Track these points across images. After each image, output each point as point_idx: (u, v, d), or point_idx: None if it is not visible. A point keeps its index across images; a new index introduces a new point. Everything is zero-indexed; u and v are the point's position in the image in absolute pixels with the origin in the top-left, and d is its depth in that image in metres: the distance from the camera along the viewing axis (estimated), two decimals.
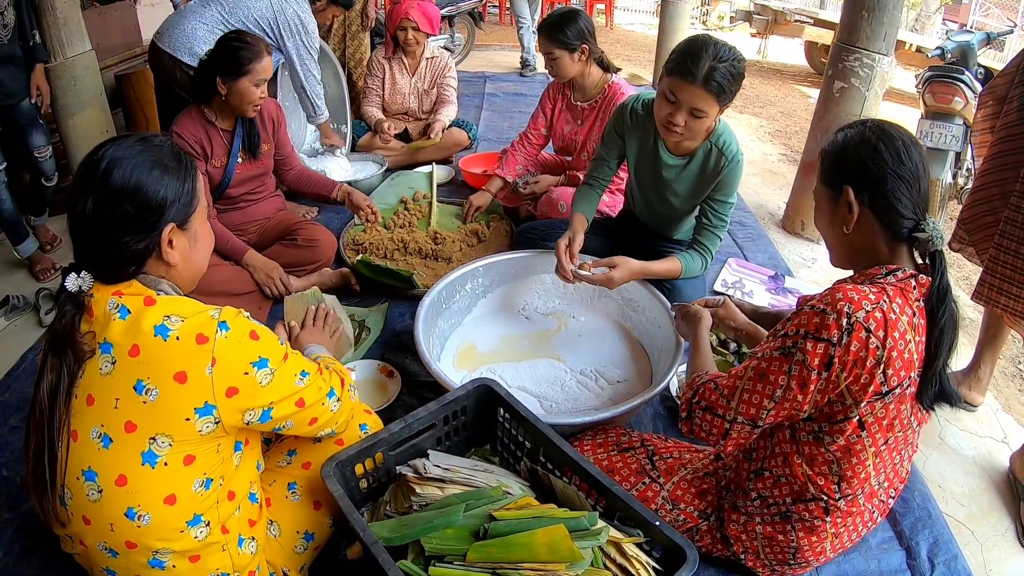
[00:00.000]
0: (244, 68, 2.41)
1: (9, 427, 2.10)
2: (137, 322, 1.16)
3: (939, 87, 3.82)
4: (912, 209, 1.35)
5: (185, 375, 1.15)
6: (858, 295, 1.29)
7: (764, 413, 1.38)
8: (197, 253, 1.32)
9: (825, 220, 1.49)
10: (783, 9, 8.71)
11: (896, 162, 1.34)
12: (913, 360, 1.32)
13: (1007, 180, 2.06)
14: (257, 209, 2.86)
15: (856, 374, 1.29)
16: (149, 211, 1.20)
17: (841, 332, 1.28)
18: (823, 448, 1.40)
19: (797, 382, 1.33)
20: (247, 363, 1.20)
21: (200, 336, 1.16)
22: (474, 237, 3.12)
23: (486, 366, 2.24)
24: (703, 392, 1.48)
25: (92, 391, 1.18)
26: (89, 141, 3.16)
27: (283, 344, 1.29)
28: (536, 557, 1.17)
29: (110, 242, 1.18)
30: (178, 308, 1.19)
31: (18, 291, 2.86)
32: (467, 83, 5.67)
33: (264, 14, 3.21)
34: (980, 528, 2.01)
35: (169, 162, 1.24)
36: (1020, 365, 3.04)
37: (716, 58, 1.97)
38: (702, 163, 2.28)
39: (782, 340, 1.36)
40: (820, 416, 1.39)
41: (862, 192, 1.38)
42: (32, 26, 2.89)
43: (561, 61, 2.85)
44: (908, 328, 1.30)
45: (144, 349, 1.14)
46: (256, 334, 1.23)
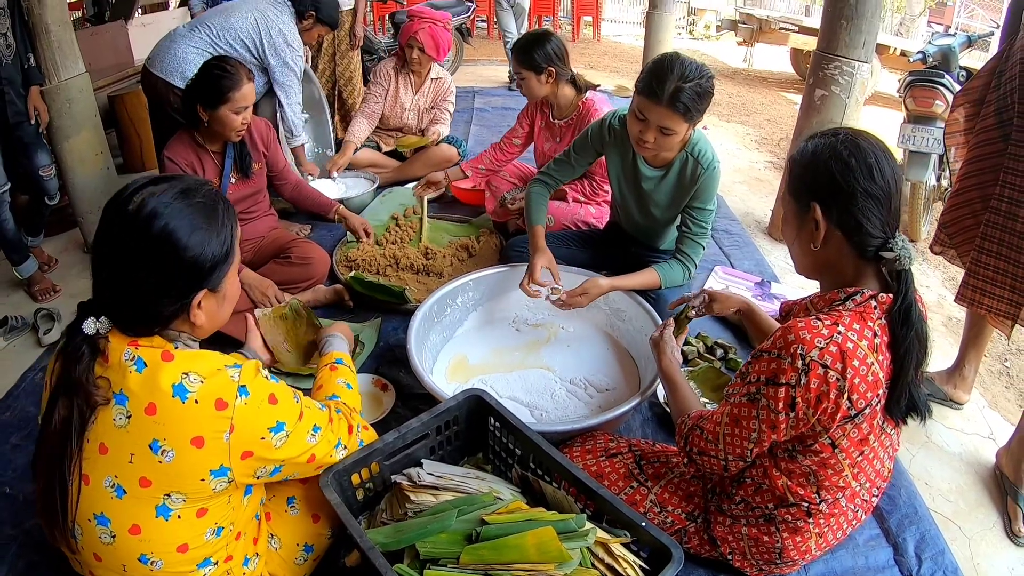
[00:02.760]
0: (223, 97, 2.45)
1: (10, 446, 2.13)
2: (154, 377, 1.13)
3: (920, 91, 3.89)
4: (882, 228, 1.33)
5: (203, 440, 1.14)
6: (810, 333, 1.29)
7: (748, 451, 1.42)
8: (223, 311, 1.30)
9: (791, 232, 1.49)
10: (768, 18, 8.82)
11: (868, 180, 1.31)
12: (879, 379, 1.33)
13: (987, 183, 2.10)
14: (251, 228, 2.91)
15: (823, 408, 1.31)
16: (184, 278, 1.17)
17: (798, 374, 1.29)
18: (798, 463, 1.43)
19: (767, 424, 1.36)
20: (265, 429, 1.20)
21: (220, 401, 1.15)
22: (464, 252, 3.17)
23: (478, 377, 2.28)
24: (692, 440, 1.52)
25: (105, 440, 1.15)
26: (84, 163, 3.20)
27: (297, 402, 1.30)
28: (526, 558, 1.21)
29: (139, 299, 1.16)
30: (196, 365, 1.16)
31: (16, 311, 2.90)
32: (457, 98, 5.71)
33: (251, 34, 3.27)
34: (967, 523, 2.04)
35: (211, 223, 1.19)
36: (1006, 363, 3.08)
37: (682, 78, 2.01)
38: (679, 173, 2.33)
39: (747, 387, 1.39)
40: (793, 439, 1.41)
41: (830, 209, 1.36)
42: (27, 49, 2.96)
43: (529, 82, 2.95)
44: (868, 351, 1.30)
45: (161, 409, 1.12)
46: (275, 397, 1.23)
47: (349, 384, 1.64)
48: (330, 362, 1.72)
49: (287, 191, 3.01)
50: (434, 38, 3.87)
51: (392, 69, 4.08)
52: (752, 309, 1.89)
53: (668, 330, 1.87)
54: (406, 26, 3.96)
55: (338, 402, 1.53)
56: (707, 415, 1.52)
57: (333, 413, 1.43)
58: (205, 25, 3.23)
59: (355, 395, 1.64)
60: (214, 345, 2.37)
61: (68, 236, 3.71)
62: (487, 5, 9.01)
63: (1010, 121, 2.00)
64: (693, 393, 1.71)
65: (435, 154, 4.06)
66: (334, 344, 1.82)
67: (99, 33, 5.34)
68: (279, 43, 3.33)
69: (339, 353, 1.77)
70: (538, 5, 10.49)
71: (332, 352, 1.77)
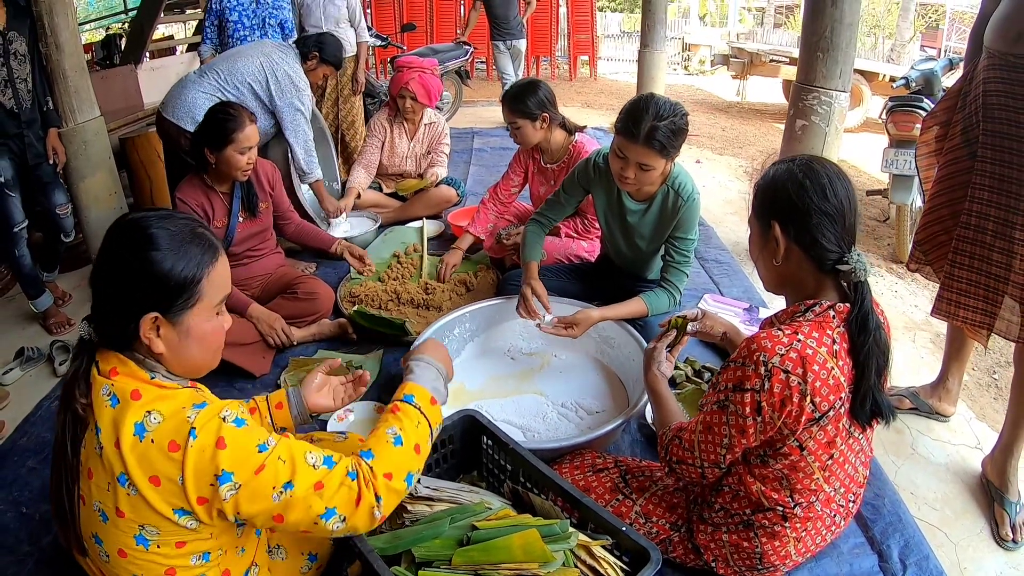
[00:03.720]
0: (228, 138, 2.60)
1: (27, 468, 2.25)
2: (122, 414, 1.13)
3: (900, 116, 4.01)
4: (837, 243, 1.43)
5: (159, 480, 1.12)
6: (771, 342, 1.39)
7: (721, 457, 1.51)
8: (190, 347, 1.23)
9: (756, 250, 1.60)
10: (759, 51, 9.04)
11: (821, 199, 1.42)
12: (840, 383, 1.42)
13: (956, 200, 2.17)
14: (259, 265, 3.04)
15: (787, 411, 1.40)
16: (138, 290, 1.16)
17: (761, 379, 1.39)
18: (770, 468, 1.51)
19: (736, 430, 1.45)
20: (212, 475, 1.12)
21: (172, 443, 1.12)
22: (463, 287, 3.28)
23: (474, 403, 2.36)
24: (671, 450, 1.61)
25: (91, 465, 1.17)
26: (99, 202, 3.35)
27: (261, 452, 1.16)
28: (513, 558, 1.31)
29: (103, 304, 1.20)
30: (161, 404, 1.15)
31: (32, 343, 3.03)
32: (456, 139, 5.88)
33: (256, 76, 3.40)
34: (954, 530, 2.09)
35: (171, 246, 1.17)
36: (995, 375, 3.15)
37: (656, 117, 2.15)
38: (661, 205, 2.46)
39: (717, 395, 1.49)
40: (763, 444, 1.49)
41: (788, 227, 1.47)
42: (46, 93, 3.13)
43: (524, 130, 3.05)
44: (828, 357, 1.39)
45: (123, 446, 1.11)
46: (224, 442, 1.13)
47: (400, 438, 1.32)
48: (399, 398, 1.43)
49: (290, 230, 3.15)
50: (424, 86, 4.02)
51: (386, 120, 4.23)
52: (738, 334, 1.99)
53: (662, 342, 1.93)
54: (396, 77, 4.11)
55: (363, 463, 1.26)
56: (685, 426, 1.61)
57: (340, 476, 1.22)
58: (213, 71, 3.37)
59: (403, 455, 1.31)
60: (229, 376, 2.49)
61: (82, 272, 3.86)
62: (485, 48, 9.26)
63: (976, 139, 2.07)
64: (677, 407, 1.78)
65: (435, 195, 4.20)
66: (415, 373, 1.50)
67: (109, 77, 5.50)
68: (285, 84, 3.45)
69: (413, 387, 1.45)
70: (535, 47, 10.79)
71: (405, 384, 1.47)
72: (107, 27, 10.50)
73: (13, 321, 3.37)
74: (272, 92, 3.45)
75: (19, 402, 2.70)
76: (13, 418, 2.57)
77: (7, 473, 2.25)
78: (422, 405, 1.41)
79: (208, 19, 4.24)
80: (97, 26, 11.30)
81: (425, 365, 1.53)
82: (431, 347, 1.61)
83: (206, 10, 4.29)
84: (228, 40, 4.18)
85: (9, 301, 3.60)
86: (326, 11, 4.81)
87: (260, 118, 3.46)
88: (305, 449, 1.23)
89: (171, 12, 8.66)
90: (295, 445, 1.23)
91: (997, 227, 2.02)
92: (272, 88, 3.44)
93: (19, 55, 2.91)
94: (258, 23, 4.19)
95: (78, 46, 3.19)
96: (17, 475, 2.23)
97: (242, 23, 4.15)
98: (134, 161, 4.72)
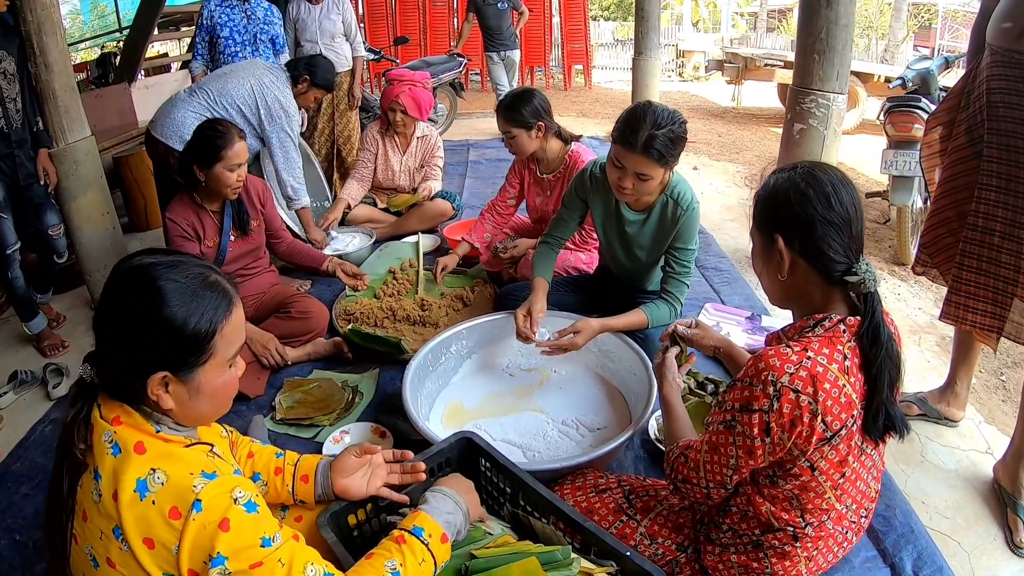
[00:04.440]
0: (217, 156, 2.57)
1: (21, 495, 2.21)
2: (123, 466, 1.07)
3: (898, 116, 3.99)
4: (844, 253, 1.38)
5: (153, 543, 1.06)
6: (780, 360, 1.33)
7: (728, 478, 1.45)
8: (200, 404, 1.17)
9: (760, 264, 1.54)
10: (753, 56, 9.03)
11: (825, 208, 1.36)
12: (852, 400, 1.36)
13: (962, 201, 2.14)
14: (252, 284, 3.00)
15: (798, 432, 1.33)
16: (138, 351, 1.11)
17: (770, 400, 1.32)
18: (780, 488, 1.45)
19: (744, 451, 1.39)
20: (205, 554, 1.06)
21: (174, 510, 1.06)
22: (459, 302, 3.24)
23: (472, 422, 2.32)
24: (677, 468, 1.55)
25: (86, 508, 1.12)
26: (92, 222, 3.32)
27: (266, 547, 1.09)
28: None
29: (106, 357, 1.14)
30: (167, 464, 1.09)
31: (25, 366, 3.00)
32: (451, 152, 5.89)
33: (246, 100, 3.38)
34: (967, 538, 2.05)
35: (182, 301, 1.11)
36: (1002, 376, 3.10)
37: (654, 125, 2.11)
38: (660, 215, 2.41)
39: (724, 415, 1.42)
40: (772, 464, 1.43)
41: (792, 239, 1.41)
42: (35, 113, 3.11)
43: (519, 139, 3.01)
44: (840, 374, 1.33)
45: (122, 500, 1.06)
46: (228, 524, 1.06)
47: (398, 573, 1.22)
48: (407, 527, 1.32)
49: (282, 248, 3.11)
50: (415, 99, 4.00)
51: (378, 134, 4.21)
52: (732, 347, 1.94)
53: (670, 354, 1.90)
54: (386, 91, 4.10)
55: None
56: (692, 444, 1.56)
57: None
58: (203, 90, 3.35)
59: None
60: None
61: (76, 294, 3.84)
62: (479, 59, 9.26)
63: (980, 139, 2.04)
64: (688, 422, 1.74)
65: (429, 209, 4.16)
66: (429, 503, 1.39)
67: (103, 95, 5.52)
68: (275, 110, 3.44)
69: (425, 519, 1.33)
70: (529, 57, 10.80)
71: (418, 514, 1.35)
72: (102, 45, 10.52)
73: (6, 344, 3.33)
74: (262, 117, 3.43)
75: (13, 426, 2.66)
76: (7, 443, 2.53)
77: (1, 498, 2.21)
78: (431, 542, 1.29)
79: (199, 35, 4.21)
80: (92, 44, 11.34)
81: (442, 497, 1.41)
82: (454, 480, 1.50)
83: (197, 26, 4.27)
84: (219, 56, 4.16)
85: (3, 324, 3.56)
86: (322, 26, 4.79)
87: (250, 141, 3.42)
88: (307, 559, 1.16)
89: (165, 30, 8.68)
90: (299, 552, 1.16)
91: (1005, 228, 1.98)
92: (262, 113, 3.42)
93: (8, 75, 2.89)
94: (249, 39, 4.17)
95: (68, 65, 3.16)
96: (11, 501, 2.19)
97: (233, 39, 4.13)
98: (128, 180, 4.71)
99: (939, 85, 4.13)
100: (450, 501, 1.40)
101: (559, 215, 2.67)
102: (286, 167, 3.58)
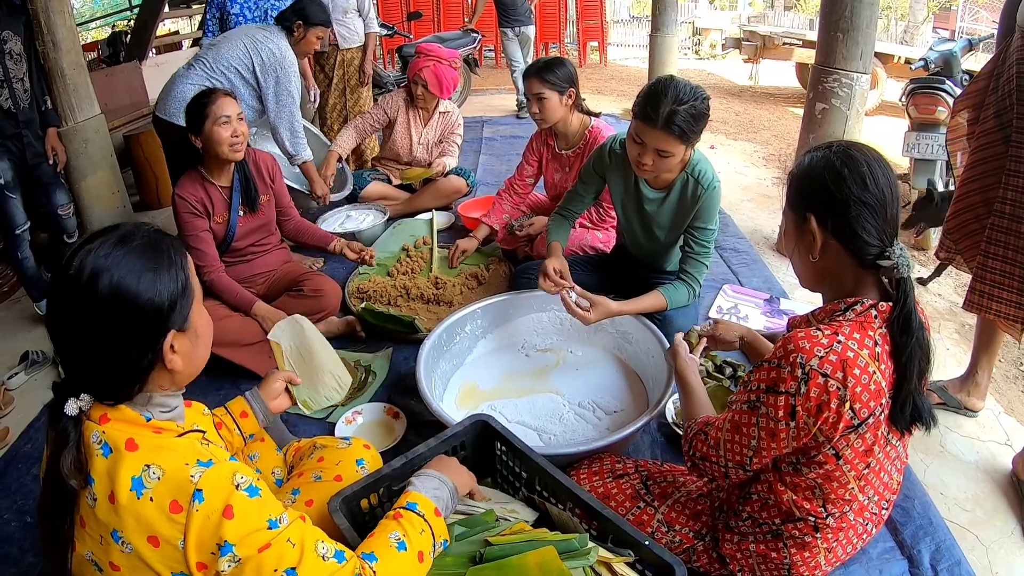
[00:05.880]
0: (202, 115, 2.53)
1: (32, 476, 2.21)
2: (116, 466, 1.05)
3: (921, 98, 3.91)
4: (878, 236, 1.34)
5: (158, 540, 1.04)
6: (810, 343, 1.30)
7: (747, 460, 1.43)
8: (199, 348, 1.19)
9: (791, 244, 1.51)
10: (771, 34, 8.89)
11: (861, 188, 1.33)
12: (881, 388, 1.33)
13: (989, 187, 2.09)
14: (264, 261, 2.97)
15: (824, 417, 1.30)
16: (147, 324, 1.09)
17: (797, 382, 1.29)
18: (803, 477, 1.43)
19: (766, 432, 1.37)
20: (213, 544, 1.04)
21: (174, 504, 1.04)
22: (474, 280, 3.21)
23: (487, 403, 2.30)
24: (695, 444, 1.53)
25: (84, 514, 1.09)
26: (102, 201, 3.31)
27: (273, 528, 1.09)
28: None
29: (107, 363, 1.09)
30: (160, 457, 1.06)
31: (37, 347, 2.98)
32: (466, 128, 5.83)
33: (241, 59, 3.30)
34: (985, 532, 2.01)
35: (158, 261, 1.10)
36: (1022, 367, 3.06)
37: (676, 101, 2.06)
38: (680, 193, 2.37)
39: (748, 395, 1.40)
40: (796, 451, 1.40)
41: (825, 220, 1.38)
42: (43, 92, 3.08)
43: (549, 102, 2.94)
44: (870, 360, 1.30)
45: (119, 501, 1.03)
46: (232, 511, 1.05)
47: (404, 544, 1.25)
48: (400, 505, 1.35)
49: (289, 227, 3.06)
50: (438, 76, 3.93)
51: (403, 101, 4.16)
52: (754, 336, 1.91)
53: (679, 335, 1.91)
54: (413, 63, 4.04)
55: (366, 566, 1.19)
56: (712, 421, 1.53)
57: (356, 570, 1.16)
58: (200, 61, 3.30)
59: (406, 562, 1.23)
60: (234, 377, 2.44)
61: None
62: (494, 35, 9.15)
63: (1010, 123, 1.99)
64: (706, 398, 1.71)
65: (444, 186, 4.12)
66: (414, 484, 1.43)
67: (114, 74, 5.50)
68: (270, 62, 3.33)
69: (416, 496, 1.37)
70: (544, 33, 10.67)
71: (407, 493, 1.39)
72: (113, 24, 10.47)
73: (17, 324, 3.32)
74: (257, 72, 3.34)
75: (24, 407, 2.65)
76: (18, 423, 2.53)
77: (11, 481, 2.21)
78: (426, 513, 1.32)
79: (209, 12, 4.15)
80: (103, 23, 11.28)
81: (426, 477, 1.44)
82: (436, 462, 1.53)
83: (207, 3, 4.21)
84: None
85: (14, 304, 3.55)
86: (334, 1, 4.73)
87: (251, 103, 3.40)
88: (317, 537, 1.15)
89: (176, 7, 8.61)
90: (308, 531, 1.15)
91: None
92: (257, 68, 3.33)
93: (14, 55, 2.86)
94: (260, 15, 4.10)
95: (76, 43, 3.13)
96: (22, 483, 2.18)
97: (244, 15, 4.07)
98: (139, 158, 4.70)
99: (962, 68, 4.04)
100: (434, 479, 1.43)
101: (574, 189, 2.64)
102: (281, 120, 3.47)
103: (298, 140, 3.57)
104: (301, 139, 3.59)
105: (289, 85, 3.42)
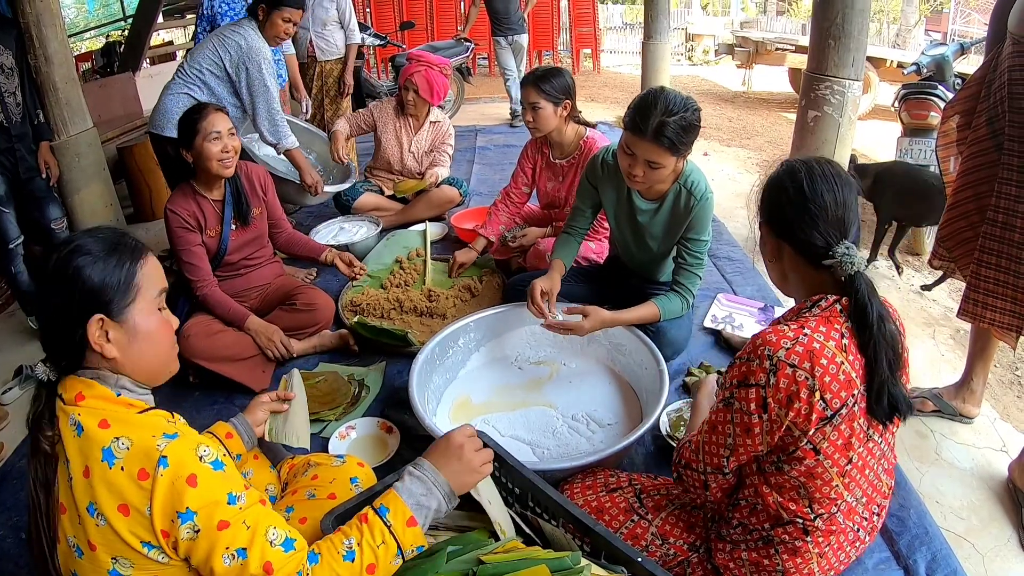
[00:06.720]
0: (193, 130, 2.53)
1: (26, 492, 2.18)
2: (89, 442, 1.12)
3: (914, 104, 3.93)
4: (823, 239, 1.42)
5: (128, 509, 1.10)
6: (776, 336, 1.37)
7: (724, 461, 1.47)
8: (140, 349, 1.23)
9: (762, 252, 1.62)
10: (763, 39, 8.92)
11: (798, 196, 1.44)
12: (852, 379, 1.37)
13: (982, 195, 2.10)
14: (257, 275, 2.96)
15: (796, 408, 1.35)
16: (77, 302, 1.17)
17: (766, 374, 1.35)
18: (786, 476, 1.45)
19: (741, 428, 1.41)
20: (173, 511, 1.10)
21: (142, 471, 1.10)
22: (467, 292, 3.20)
23: (480, 417, 2.30)
24: (682, 452, 1.57)
25: (64, 500, 1.16)
26: (95, 214, 3.31)
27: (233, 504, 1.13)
28: None
29: (50, 331, 1.23)
30: (129, 430, 1.13)
31: (31, 361, 2.97)
32: (459, 137, 5.82)
33: (212, 59, 3.30)
34: (981, 540, 2.01)
35: (106, 252, 1.19)
36: (1017, 372, 3.06)
37: (666, 112, 2.06)
38: (673, 204, 2.37)
39: (723, 392, 1.46)
40: (775, 449, 1.44)
41: (773, 226, 1.51)
42: (36, 106, 3.07)
43: (544, 112, 2.94)
44: (837, 351, 1.36)
45: (93, 473, 1.10)
46: (195, 480, 1.10)
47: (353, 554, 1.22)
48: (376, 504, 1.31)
49: (281, 239, 3.06)
50: (429, 81, 3.94)
51: (393, 110, 4.16)
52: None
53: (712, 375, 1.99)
54: (405, 68, 4.04)
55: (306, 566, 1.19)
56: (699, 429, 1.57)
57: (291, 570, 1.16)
58: (180, 71, 3.32)
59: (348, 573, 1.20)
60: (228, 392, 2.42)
61: None
62: (487, 44, 9.17)
63: (1002, 131, 2.00)
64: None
65: (437, 196, 4.11)
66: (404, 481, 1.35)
67: (108, 84, 5.50)
68: (237, 55, 3.30)
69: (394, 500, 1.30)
70: (537, 40, 10.70)
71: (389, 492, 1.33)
72: (107, 35, 10.48)
73: (12, 338, 3.31)
74: (228, 68, 3.32)
75: (18, 422, 2.63)
76: (13, 438, 2.51)
77: (6, 496, 2.19)
78: (393, 524, 1.26)
79: (199, 24, 4.17)
80: (97, 34, 11.29)
81: (417, 478, 1.34)
82: (439, 451, 1.40)
83: (197, 16, 4.22)
84: None
85: (7, 318, 3.54)
86: (314, 13, 4.76)
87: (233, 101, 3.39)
88: (270, 523, 1.18)
89: (170, 17, 8.63)
90: (262, 515, 1.19)
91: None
92: (227, 64, 3.31)
93: (6, 68, 2.86)
94: None
95: (68, 57, 3.13)
96: (17, 499, 2.16)
97: None
98: (133, 169, 4.68)
99: (954, 72, 4.06)
100: (425, 483, 1.33)
101: (575, 205, 2.65)
102: (255, 106, 3.40)
103: (278, 127, 3.49)
104: (282, 126, 3.51)
105: (260, 73, 3.35)
